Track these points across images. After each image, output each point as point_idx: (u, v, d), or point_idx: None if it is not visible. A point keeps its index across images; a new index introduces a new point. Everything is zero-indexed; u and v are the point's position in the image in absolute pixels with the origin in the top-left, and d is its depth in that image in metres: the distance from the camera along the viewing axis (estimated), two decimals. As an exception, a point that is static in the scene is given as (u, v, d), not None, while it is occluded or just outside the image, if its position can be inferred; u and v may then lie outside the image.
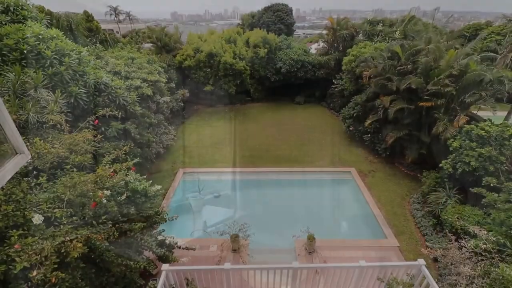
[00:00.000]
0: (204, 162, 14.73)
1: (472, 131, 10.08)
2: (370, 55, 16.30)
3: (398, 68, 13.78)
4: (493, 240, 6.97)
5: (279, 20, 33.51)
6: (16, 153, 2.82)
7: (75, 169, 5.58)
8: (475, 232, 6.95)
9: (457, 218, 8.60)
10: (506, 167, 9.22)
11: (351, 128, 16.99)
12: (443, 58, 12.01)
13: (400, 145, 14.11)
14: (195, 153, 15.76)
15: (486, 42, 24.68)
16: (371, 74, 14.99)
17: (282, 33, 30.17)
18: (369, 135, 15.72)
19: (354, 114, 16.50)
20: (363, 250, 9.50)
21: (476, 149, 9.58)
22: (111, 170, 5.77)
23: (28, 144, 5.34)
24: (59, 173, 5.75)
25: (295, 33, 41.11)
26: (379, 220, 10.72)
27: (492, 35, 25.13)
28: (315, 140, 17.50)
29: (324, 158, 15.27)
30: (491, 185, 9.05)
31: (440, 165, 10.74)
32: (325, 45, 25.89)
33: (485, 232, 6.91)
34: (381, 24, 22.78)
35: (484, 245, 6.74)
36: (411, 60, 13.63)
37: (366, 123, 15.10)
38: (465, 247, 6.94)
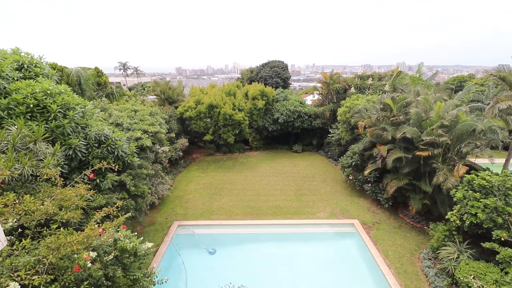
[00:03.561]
0: (199, 214, 14.13)
1: (474, 181, 9.94)
2: (363, 106, 17.05)
3: (391, 118, 14.29)
4: (518, 305, 6.29)
5: (276, 74, 36.01)
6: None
7: (62, 228, 5.25)
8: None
9: (473, 278, 7.90)
10: (515, 219, 8.84)
11: (350, 177, 16.82)
12: (433, 110, 12.54)
13: (402, 195, 13.81)
14: (191, 204, 15.24)
15: (472, 93, 26.21)
16: (366, 124, 15.46)
17: (279, 86, 32.17)
18: (369, 185, 15.49)
19: (353, 163, 16.51)
20: (374, 316, 8.49)
21: (481, 200, 9.31)
22: (101, 228, 5.43)
23: (17, 201, 5.14)
24: (45, 231, 5.41)
25: (291, 85, 43.83)
26: (390, 280, 9.82)
27: (477, 86, 26.82)
28: (315, 189, 17.16)
29: (325, 209, 14.75)
30: (502, 239, 8.59)
31: (447, 216, 10.33)
32: (320, 97, 27.36)
33: (507, 295, 6.27)
34: (371, 78, 24.40)
35: (509, 312, 6.05)
36: (402, 112, 14.23)
37: (366, 172, 15.01)
38: (489, 314, 6.22)
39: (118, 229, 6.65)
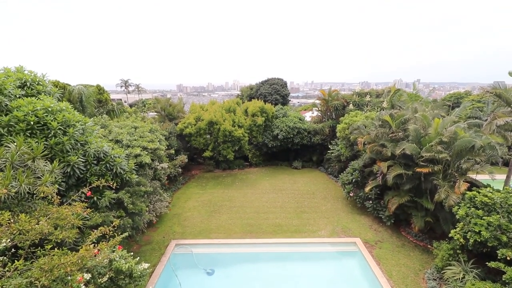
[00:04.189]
0: (198, 233, 13.82)
1: (476, 198, 9.83)
2: (362, 123, 17.16)
3: (390, 135, 14.34)
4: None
5: (275, 91, 36.59)
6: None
7: (56, 248, 5.11)
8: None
9: (481, 300, 7.62)
10: (520, 237, 8.65)
11: (351, 194, 16.63)
12: (431, 126, 12.62)
13: (404, 212, 13.61)
14: (189, 222, 14.95)
15: (469, 109, 26.50)
16: (365, 141, 15.49)
17: (278, 103, 32.58)
18: (371, 202, 15.29)
19: (353, 180, 16.38)
20: None
21: (484, 217, 9.16)
22: (96, 249, 5.29)
23: (12, 220, 5.04)
24: (39, 251, 5.27)
25: (290, 102, 44.43)
26: (394, 302, 9.47)
27: (473, 102, 27.16)
28: (316, 206, 16.91)
29: (326, 226, 14.47)
30: (508, 258, 8.37)
31: (450, 234, 10.12)
32: (319, 114, 27.63)
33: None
34: (369, 95, 24.77)
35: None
36: (401, 128, 14.31)
37: (366, 189, 14.86)
38: None
39: (113, 249, 6.50)
